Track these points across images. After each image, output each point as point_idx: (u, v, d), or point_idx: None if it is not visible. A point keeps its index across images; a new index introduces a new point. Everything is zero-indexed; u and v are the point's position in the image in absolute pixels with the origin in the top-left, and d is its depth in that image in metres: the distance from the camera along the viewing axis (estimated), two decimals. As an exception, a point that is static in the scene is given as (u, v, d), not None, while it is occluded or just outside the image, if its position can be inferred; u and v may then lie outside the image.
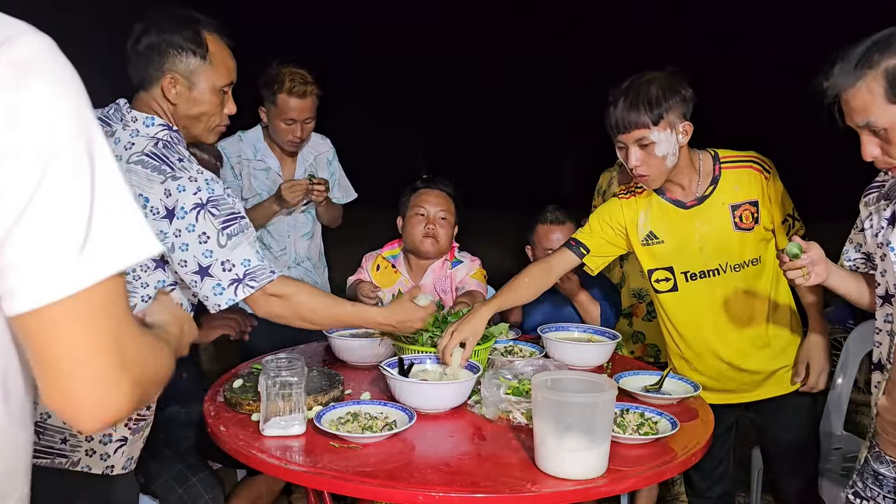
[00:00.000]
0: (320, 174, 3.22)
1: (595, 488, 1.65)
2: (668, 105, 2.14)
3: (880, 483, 1.72)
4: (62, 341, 0.78)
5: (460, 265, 2.88)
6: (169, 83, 1.83)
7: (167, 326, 1.12)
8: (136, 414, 1.82)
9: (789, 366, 2.38)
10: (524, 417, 1.93)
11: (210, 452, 2.29)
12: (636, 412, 1.97)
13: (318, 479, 1.67)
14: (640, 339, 2.97)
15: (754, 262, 2.30)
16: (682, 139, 2.20)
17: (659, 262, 2.36)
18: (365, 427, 1.85)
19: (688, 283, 2.33)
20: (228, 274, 1.77)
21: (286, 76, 2.93)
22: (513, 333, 2.73)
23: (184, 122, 1.89)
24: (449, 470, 1.69)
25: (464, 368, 2.12)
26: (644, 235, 2.37)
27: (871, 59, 1.49)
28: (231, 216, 1.79)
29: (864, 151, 1.57)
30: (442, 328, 2.26)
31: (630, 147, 2.19)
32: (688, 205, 2.31)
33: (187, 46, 1.83)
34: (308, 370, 1.97)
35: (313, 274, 3.24)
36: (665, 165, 2.20)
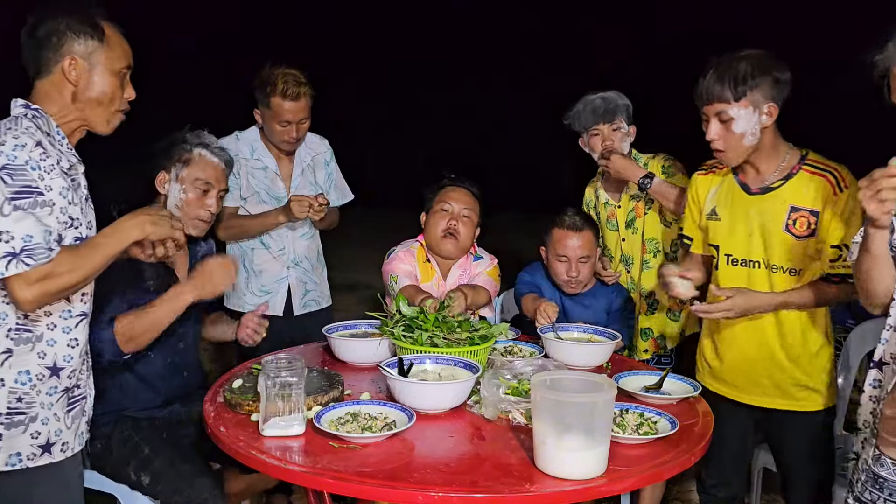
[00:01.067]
0: (318, 175, 3.22)
1: (595, 488, 1.65)
2: (755, 83, 2.12)
3: (881, 486, 1.72)
4: None
5: (480, 260, 2.90)
6: (69, 65, 1.84)
7: None
8: (7, 408, 1.79)
9: (808, 385, 2.31)
10: (524, 417, 1.93)
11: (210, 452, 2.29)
12: (636, 412, 1.98)
13: (317, 480, 1.67)
14: (650, 335, 2.98)
15: (793, 272, 2.25)
16: (765, 120, 2.17)
17: (712, 238, 2.39)
18: (364, 427, 1.85)
19: (727, 266, 2.33)
20: (3, 245, 1.69)
21: (279, 78, 2.92)
22: (513, 333, 2.73)
23: (85, 107, 1.88)
24: (448, 470, 1.69)
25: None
26: (709, 210, 2.40)
27: None
28: (26, 189, 1.71)
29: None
30: (442, 328, 2.27)
31: (711, 119, 2.19)
32: (752, 190, 2.30)
33: (84, 29, 1.85)
34: (308, 370, 1.97)
35: (311, 274, 3.24)
36: (743, 144, 2.18)
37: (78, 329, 1.90)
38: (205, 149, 2.50)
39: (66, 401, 1.90)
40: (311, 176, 3.21)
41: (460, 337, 2.26)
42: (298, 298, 3.19)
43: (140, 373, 2.42)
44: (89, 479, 2.35)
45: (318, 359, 2.50)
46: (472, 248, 2.92)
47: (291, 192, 3.13)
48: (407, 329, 2.28)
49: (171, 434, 2.41)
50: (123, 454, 2.34)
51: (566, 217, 2.84)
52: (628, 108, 2.90)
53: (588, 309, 2.90)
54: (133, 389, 2.42)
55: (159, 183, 2.46)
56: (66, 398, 1.90)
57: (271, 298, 3.13)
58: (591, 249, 2.81)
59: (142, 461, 2.30)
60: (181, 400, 2.52)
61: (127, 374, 2.41)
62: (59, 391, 1.87)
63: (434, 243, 2.85)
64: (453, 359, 2.18)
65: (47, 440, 1.85)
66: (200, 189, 2.46)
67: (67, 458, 1.90)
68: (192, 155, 2.47)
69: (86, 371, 1.99)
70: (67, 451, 1.90)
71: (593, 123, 2.88)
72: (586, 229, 2.82)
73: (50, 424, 1.85)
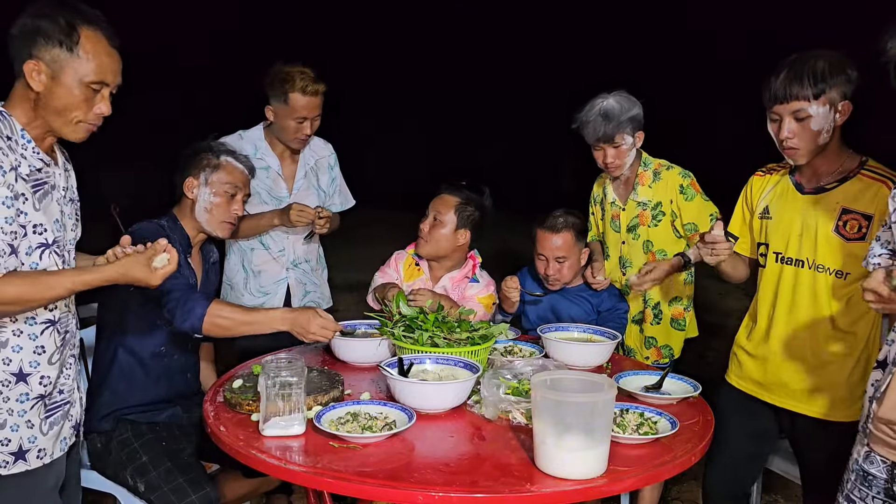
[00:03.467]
0: (321, 178, 3.22)
1: (595, 488, 1.65)
2: (833, 82, 2.12)
3: (869, 484, 1.72)
4: None
5: (475, 283, 2.92)
6: (32, 69, 1.75)
7: None
8: None
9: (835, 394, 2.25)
10: (524, 417, 1.94)
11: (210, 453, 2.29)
12: (636, 412, 1.98)
13: (317, 479, 1.67)
14: (653, 344, 2.97)
15: (839, 275, 2.22)
16: (839, 118, 2.18)
17: (762, 236, 2.40)
18: (365, 427, 1.85)
19: (775, 265, 2.34)
20: None
21: (297, 75, 2.94)
22: (513, 333, 2.73)
23: (44, 113, 1.79)
24: (448, 470, 1.69)
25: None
26: (761, 209, 2.41)
27: None
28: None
29: None
30: (442, 328, 2.27)
31: (785, 118, 2.18)
32: (806, 190, 2.30)
33: (55, 36, 1.75)
34: (308, 370, 1.97)
35: (311, 275, 3.24)
36: (817, 141, 2.18)
37: (44, 336, 1.85)
38: (231, 156, 2.61)
39: (43, 408, 1.86)
40: (315, 179, 3.21)
41: (460, 337, 2.26)
42: (298, 300, 3.19)
43: (148, 366, 2.45)
44: (88, 479, 2.35)
45: (318, 359, 2.50)
46: (473, 270, 2.94)
47: (293, 193, 3.13)
48: (407, 329, 2.29)
49: (172, 442, 2.40)
50: (121, 458, 2.34)
51: (548, 218, 2.92)
52: (633, 118, 2.85)
53: (576, 305, 2.93)
54: (139, 384, 2.43)
55: (188, 188, 2.54)
56: (43, 405, 1.86)
57: (270, 299, 3.13)
58: (568, 250, 2.86)
59: (138, 468, 2.30)
60: (183, 402, 2.52)
61: (137, 368, 2.43)
62: (32, 398, 1.83)
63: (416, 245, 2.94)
64: (453, 359, 2.18)
65: (19, 447, 1.82)
66: (228, 193, 2.56)
67: (44, 465, 1.87)
68: (220, 161, 2.58)
69: (71, 377, 1.96)
70: (45, 458, 1.87)
71: (595, 141, 2.88)
72: (565, 231, 2.86)
73: (21, 431, 1.82)
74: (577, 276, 2.96)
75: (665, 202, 2.88)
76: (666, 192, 2.88)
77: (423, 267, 2.93)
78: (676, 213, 2.87)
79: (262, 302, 3.13)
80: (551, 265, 2.87)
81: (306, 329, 2.24)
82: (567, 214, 2.92)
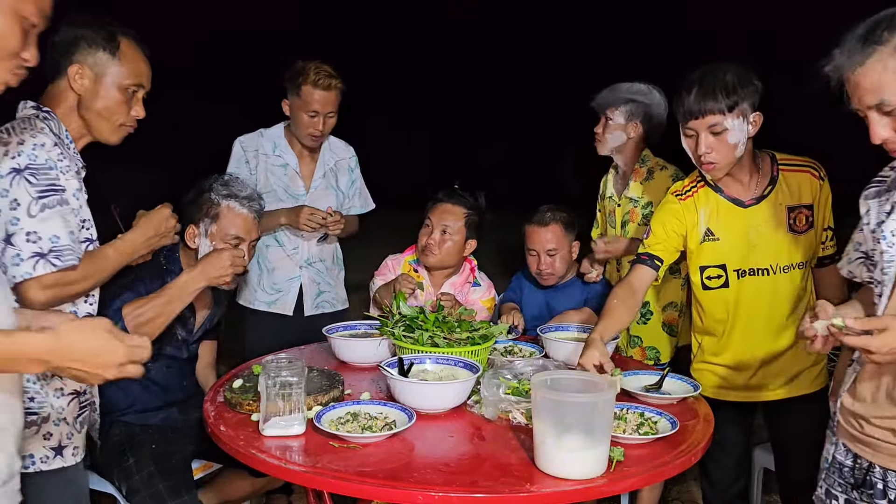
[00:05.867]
0: (340, 180, 3.21)
1: (595, 488, 1.65)
2: (743, 93, 2.15)
3: (841, 473, 1.74)
4: None
5: (478, 287, 2.93)
6: (76, 73, 1.87)
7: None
8: None
9: (810, 367, 2.39)
10: (524, 417, 1.93)
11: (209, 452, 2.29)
12: (636, 412, 1.98)
13: (318, 479, 1.67)
14: (638, 343, 2.96)
15: (801, 266, 2.33)
16: (751, 130, 2.20)
17: (713, 259, 2.37)
18: (365, 427, 1.85)
19: (739, 281, 2.35)
20: (31, 246, 1.71)
21: (311, 69, 2.95)
22: (513, 333, 2.73)
23: (87, 116, 1.91)
24: (448, 470, 1.69)
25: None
26: (702, 233, 2.38)
27: (881, 37, 1.46)
28: (51, 188, 1.75)
29: (874, 134, 1.51)
30: (443, 328, 2.27)
31: (701, 133, 2.19)
32: (746, 203, 2.32)
33: (98, 41, 1.89)
34: (308, 370, 1.97)
35: (326, 275, 3.22)
36: (734, 154, 2.20)
37: None
38: (233, 200, 2.44)
39: (77, 406, 1.90)
40: (333, 180, 3.20)
41: (460, 337, 2.26)
42: (311, 299, 3.18)
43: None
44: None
45: (318, 359, 2.50)
46: (472, 274, 2.94)
47: (311, 191, 3.13)
48: (407, 329, 2.29)
49: (162, 445, 2.36)
50: (111, 458, 2.34)
51: (536, 213, 2.94)
52: (637, 105, 2.88)
53: (569, 299, 2.94)
54: (134, 390, 2.42)
55: (189, 237, 2.42)
56: (77, 403, 1.90)
57: (282, 297, 3.13)
58: (558, 242, 2.88)
59: (124, 470, 2.30)
60: (180, 403, 2.51)
61: None
62: (67, 394, 1.87)
63: (419, 255, 2.91)
64: (453, 359, 2.18)
65: (59, 443, 1.85)
66: (231, 245, 2.40)
67: (78, 463, 1.90)
68: (220, 209, 2.42)
69: None
70: (78, 456, 1.90)
71: (596, 110, 2.95)
72: (553, 224, 2.89)
73: (61, 427, 1.85)
74: (570, 270, 2.98)
75: (656, 202, 2.87)
76: (657, 192, 2.87)
77: (423, 273, 2.93)
78: None
79: (274, 300, 3.13)
80: (543, 259, 2.88)
81: (218, 267, 2.25)
82: (554, 209, 2.95)
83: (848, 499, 1.71)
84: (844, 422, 1.74)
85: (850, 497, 1.71)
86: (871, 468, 1.66)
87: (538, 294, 2.97)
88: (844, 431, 1.73)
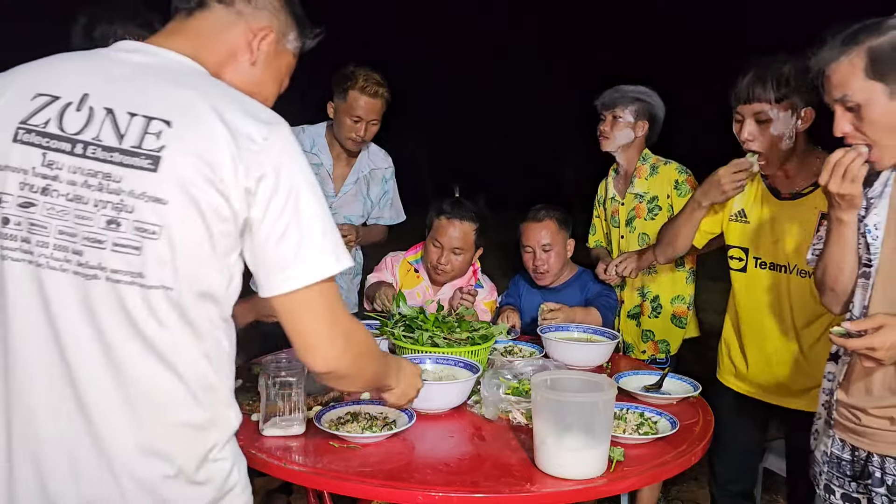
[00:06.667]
0: (372, 188, 3.20)
1: (595, 488, 1.65)
2: (796, 86, 2.14)
3: (843, 470, 1.75)
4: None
5: (480, 289, 2.93)
6: None
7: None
8: None
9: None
10: (524, 417, 1.93)
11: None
12: (636, 412, 1.98)
13: (318, 479, 1.67)
14: (651, 338, 2.98)
15: None
16: (801, 125, 2.19)
17: (738, 240, 2.39)
18: (365, 427, 1.85)
19: (756, 269, 2.34)
20: None
21: (360, 75, 2.96)
22: (512, 334, 2.73)
23: None
24: (449, 470, 1.69)
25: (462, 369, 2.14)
26: (735, 211, 2.41)
27: (858, 38, 1.55)
28: None
29: (836, 126, 1.60)
30: (442, 328, 2.27)
31: (746, 119, 2.20)
32: (783, 195, 2.30)
33: (142, 33, 1.83)
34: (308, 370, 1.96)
35: (339, 279, 3.21)
36: (778, 146, 2.20)
37: None
38: None
39: None
40: (365, 187, 3.19)
41: (460, 337, 2.26)
42: None
43: None
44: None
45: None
46: (474, 276, 2.95)
47: (340, 195, 3.12)
48: (407, 329, 2.28)
49: None
50: None
51: (530, 211, 2.96)
52: (644, 104, 2.93)
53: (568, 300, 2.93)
54: None
55: None
56: None
57: None
58: (552, 237, 2.89)
59: None
60: None
61: None
62: None
63: (428, 268, 2.91)
64: (453, 359, 2.18)
65: None
66: None
67: None
68: None
69: None
70: None
71: (601, 109, 2.97)
72: (547, 220, 2.90)
73: None
74: (566, 270, 2.98)
75: (662, 196, 2.91)
76: (662, 186, 2.91)
77: (423, 273, 2.92)
78: (672, 209, 2.88)
79: None
80: (538, 255, 2.89)
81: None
82: (548, 206, 2.96)
83: (845, 492, 1.74)
84: (840, 416, 1.75)
85: (847, 490, 1.73)
86: (869, 458, 1.68)
87: (536, 296, 2.97)
88: (841, 425, 1.75)
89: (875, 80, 1.53)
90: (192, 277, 1.18)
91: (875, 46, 1.52)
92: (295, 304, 1.22)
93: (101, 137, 1.18)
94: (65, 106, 1.20)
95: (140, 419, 1.19)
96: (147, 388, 1.19)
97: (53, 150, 1.18)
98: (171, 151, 1.16)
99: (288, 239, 1.19)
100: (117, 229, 1.16)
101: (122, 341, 1.17)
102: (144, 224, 1.16)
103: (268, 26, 1.35)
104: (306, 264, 1.20)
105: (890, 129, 1.56)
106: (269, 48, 1.35)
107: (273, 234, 1.18)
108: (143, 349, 1.18)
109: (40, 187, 1.18)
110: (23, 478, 1.20)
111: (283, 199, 1.18)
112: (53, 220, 1.17)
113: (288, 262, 1.19)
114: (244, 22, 1.33)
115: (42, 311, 1.17)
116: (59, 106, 1.20)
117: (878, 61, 1.52)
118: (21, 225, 1.18)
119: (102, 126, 1.19)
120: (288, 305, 1.23)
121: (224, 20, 1.32)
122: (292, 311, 1.24)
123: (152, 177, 1.16)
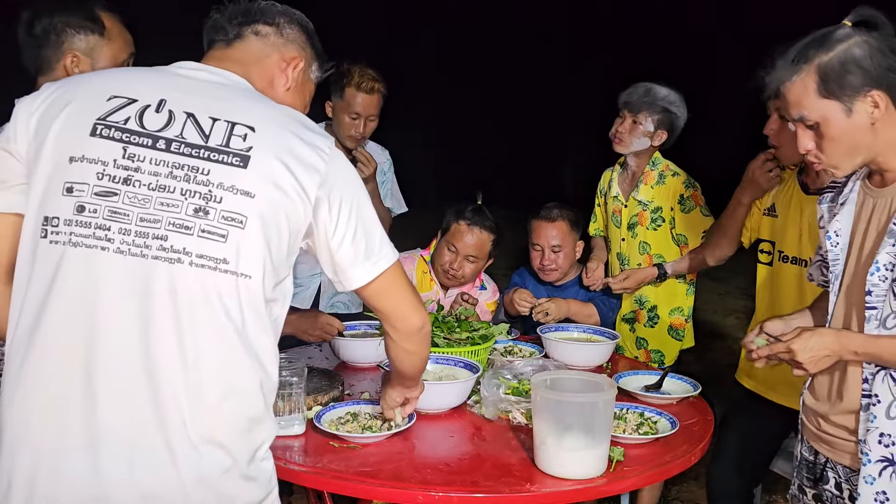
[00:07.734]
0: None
1: (595, 488, 1.65)
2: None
3: (807, 467, 1.76)
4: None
5: (484, 291, 2.94)
6: (71, 62, 1.82)
7: None
8: None
9: None
10: (524, 417, 1.94)
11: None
12: (636, 412, 1.98)
13: (318, 479, 1.68)
14: (644, 345, 2.96)
15: None
16: None
17: (768, 234, 2.42)
18: (365, 427, 1.85)
19: (780, 263, 2.36)
20: None
21: (356, 72, 2.96)
22: (513, 333, 2.73)
23: None
24: (449, 470, 1.69)
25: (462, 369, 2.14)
26: (767, 206, 2.44)
27: (808, 55, 1.53)
28: None
29: (800, 144, 1.59)
30: (442, 328, 2.27)
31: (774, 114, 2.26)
32: (811, 190, 2.31)
33: (84, 24, 1.83)
34: (308, 370, 1.97)
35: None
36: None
37: None
38: None
39: None
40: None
41: (460, 337, 2.26)
42: (327, 298, 3.17)
43: None
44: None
45: (318, 359, 2.50)
46: (479, 278, 2.95)
47: None
48: (407, 329, 2.28)
49: None
50: None
51: (543, 209, 2.95)
52: (668, 116, 2.83)
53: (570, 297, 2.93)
54: None
55: None
56: None
57: (301, 292, 3.12)
58: (563, 239, 2.89)
59: None
60: None
61: None
62: None
63: (437, 270, 2.89)
64: (453, 359, 2.18)
65: None
66: None
67: None
68: None
69: None
70: None
71: (622, 108, 2.89)
72: (560, 220, 2.89)
73: None
74: (573, 269, 2.98)
75: (665, 208, 2.86)
76: (667, 198, 2.86)
77: (433, 277, 2.93)
78: (674, 222, 2.87)
79: (294, 293, 3.11)
80: (546, 255, 2.89)
81: (308, 331, 2.28)
82: (561, 206, 2.96)
83: (816, 493, 1.74)
84: (807, 420, 1.76)
85: (818, 491, 1.73)
86: (827, 463, 1.69)
87: (542, 292, 2.96)
88: (807, 429, 1.76)
89: (829, 99, 1.51)
90: (268, 270, 1.27)
91: (824, 64, 1.50)
92: (384, 284, 1.40)
93: (185, 135, 1.25)
94: (143, 107, 1.26)
95: (207, 406, 1.22)
96: (217, 372, 1.23)
97: (134, 144, 1.23)
98: (259, 152, 1.25)
99: (357, 238, 1.35)
100: (205, 217, 1.21)
101: (202, 325, 1.22)
102: (233, 213, 1.23)
103: (298, 56, 1.48)
104: (383, 251, 1.38)
105: (851, 147, 1.54)
106: (299, 76, 1.49)
107: (347, 234, 1.34)
108: (220, 333, 1.23)
109: (122, 178, 1.22)
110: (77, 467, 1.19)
111: (349, 204, 1.33)
112: (136, 208, 1.21)
113: (371, 252, 1.36)
114: (277, 52, 1.46)
115: (131, 296, 1.20)
116: (138, 107, 1.26)
117: (827, 80, 1.50)
118: (98, 212, 1.21)
119: (185, 126, 1.25)
120: (377, 287, 1.40)
121: (260, 50, 1.44)
122: (383, 290, 1.42)
123: (242, 172, 1.24)
